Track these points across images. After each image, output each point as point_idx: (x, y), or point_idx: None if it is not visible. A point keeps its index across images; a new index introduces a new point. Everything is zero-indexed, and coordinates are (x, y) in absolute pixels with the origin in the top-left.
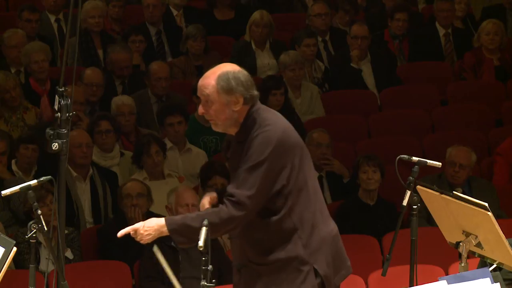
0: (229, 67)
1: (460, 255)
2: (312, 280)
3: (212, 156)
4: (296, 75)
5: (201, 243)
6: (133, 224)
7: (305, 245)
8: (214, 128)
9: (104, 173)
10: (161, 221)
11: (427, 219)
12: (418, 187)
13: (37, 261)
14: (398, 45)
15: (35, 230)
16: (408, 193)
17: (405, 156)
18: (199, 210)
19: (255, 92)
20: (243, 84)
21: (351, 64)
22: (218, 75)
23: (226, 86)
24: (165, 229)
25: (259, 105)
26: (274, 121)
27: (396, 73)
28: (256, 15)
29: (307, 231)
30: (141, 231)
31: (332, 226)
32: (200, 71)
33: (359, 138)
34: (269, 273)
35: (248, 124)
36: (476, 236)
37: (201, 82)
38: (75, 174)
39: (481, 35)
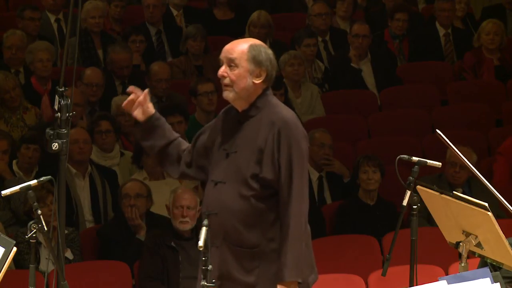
0: (261, 42)
1: (460, 255)
2: None
3: None
4: (295, 70)
5: (201, 243)
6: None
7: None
8: (226, 95)
9: (103, 171)
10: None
11: (427, 219)
12: (418, 187)
13: (37, 261)
14: (398, 45)
15: (35, 230)
16: (408, 193)
17: (405, 156)
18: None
19: (274, 75)
20: (271, 62)
21: (351, 64)
22: (251, 44)
23: (257, 57)
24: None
25: (271, 90)
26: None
27: (396, 73)
28: (254, 15)
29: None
30: None
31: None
32: (200, 71)
33: (359, 138)
34: (251, 258)
35: (260, 104)
36: (476, 236)
37: (230, 46)
38: (74, 171)
39: (481, 35)
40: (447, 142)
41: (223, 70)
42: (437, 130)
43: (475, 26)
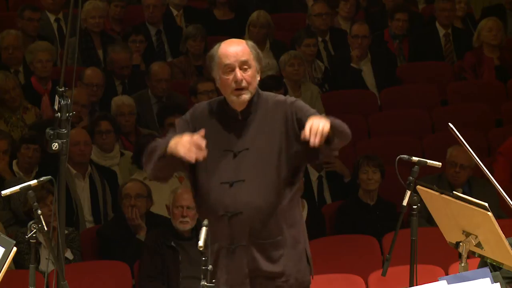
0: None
1: (460, 255)
2: (306, 260)
3: None
4: (295, 70)
5: (201, 243)
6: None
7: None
8: (243, 99)
9: (103, 171)
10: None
11: (427, 219)
12: (418, 187)
13: (37, 261)
14: (398, 45)
15: (35, 230)
16: (408, 193)
17: (405, 156)
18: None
19: None
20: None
21: (351, 64)
22: (248, 43)
23: (257, 55)
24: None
25: None
26: None
27: (396, 73)
28: (253, 15)
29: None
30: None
31: None
32: (200, 71)
33: (359, 138)
34: (276, 248)
35: (255, 98)
36: (476, 236)
37: (235, 49)
38: (74, 171)
39: (483, 32)
40: (459, 137)
41: (240, 74)
42: (450, 124)
43: (475, 26)
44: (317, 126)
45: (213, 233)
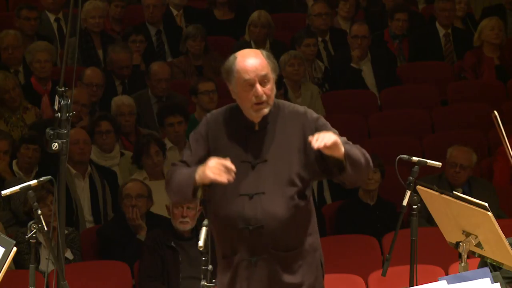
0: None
1: (460, 255)
2: (320, 266)
3: None
4: (295, 70)
5: (201, 243)
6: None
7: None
8: (262, 113)
9: (103, 171)
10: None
11: (427, 219)
12: (418, 187)
13: (37, 261)
14: (398, 45)
15: (35, 230)
16: (408, 193)
17: (405, 156)
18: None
19: None
20: None
21: (351, 64)
22: (264, 53)
23: (274, 65)
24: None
25: None
26: None
27: (396, 73)
28: (254, 15)
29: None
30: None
31: None
32: (200, 71)
33: (359, 138)
34: (296, 259)
35: (274, 109)
36: (476, 236)
37: (253, 63)
38: (74, 171)
39: (484, 31)
40: (500, 128)
41: (261, 89)
42: (495, 112)
43: (475, 26)
44: (325, 135)
45: (231, 245)
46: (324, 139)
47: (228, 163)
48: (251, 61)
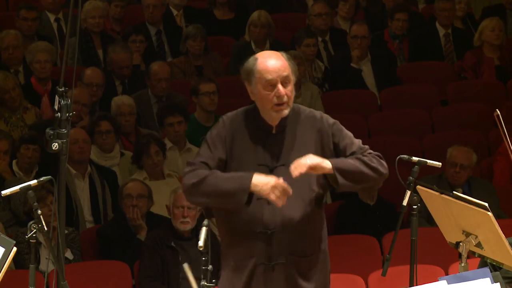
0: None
1: (460, 255)
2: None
3: None
4: None
5: (201, 243)
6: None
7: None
8: (282, 115)
9: (103, 171)
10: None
11: (427, 219)
12: (418, 187)
13: (37, 261)
14: (398, 45)
15: (35, 230)
16: (408, 193)
17: (405, 156)
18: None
19: None
20: None
21: (351, 64)
22: (284, 55)
23: (294, 67)
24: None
25: None
26: None
27: (396, 73)
28: (254, 15)
29: None
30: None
31: None
32: (200, 71)
33: (359, 138)
34: (311, 265)
35: (291, 113)
36: (476, 236)
37: (275, 63)
38: (74, 171)
39: (485, 32)
40: (502, 127)
41: (283, 90)
42: (497, 110)
43: (475, 26)
44: (299, 163)
45: (247, 248)
46: (298, 167)
47: (288, 187)
48: (273, 62)
